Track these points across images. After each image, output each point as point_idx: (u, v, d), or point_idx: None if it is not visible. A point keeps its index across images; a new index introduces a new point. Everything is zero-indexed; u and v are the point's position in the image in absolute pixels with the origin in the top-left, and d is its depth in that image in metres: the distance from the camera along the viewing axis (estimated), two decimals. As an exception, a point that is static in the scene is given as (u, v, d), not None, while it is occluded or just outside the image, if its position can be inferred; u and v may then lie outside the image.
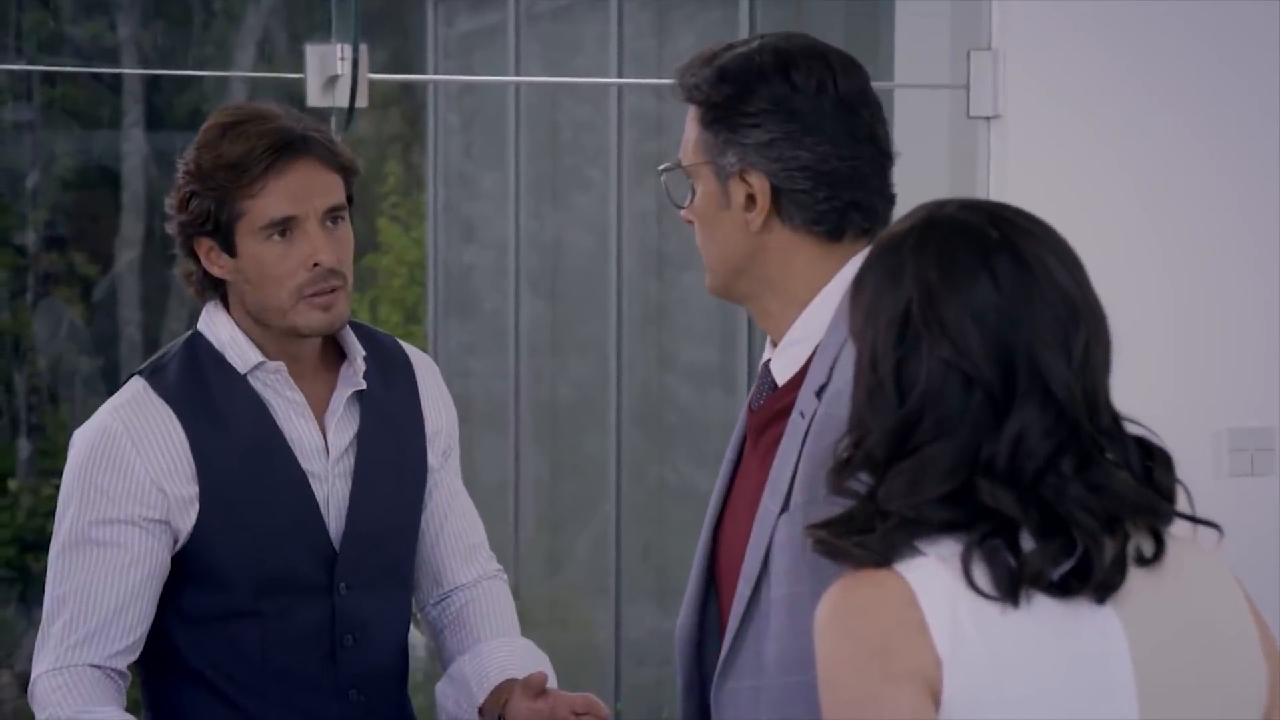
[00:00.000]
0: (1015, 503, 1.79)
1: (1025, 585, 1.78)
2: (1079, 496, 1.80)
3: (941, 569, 1.79)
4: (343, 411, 2.78)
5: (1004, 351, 1.81)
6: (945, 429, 1.80)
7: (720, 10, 7.14)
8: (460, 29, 10.43)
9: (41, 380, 9.92)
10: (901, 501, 1.81)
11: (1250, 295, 4.02)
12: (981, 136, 4.01)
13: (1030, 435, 1.80)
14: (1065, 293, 1.84)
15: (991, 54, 3.97)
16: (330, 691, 2.75)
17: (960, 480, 1.80)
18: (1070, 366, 1.81)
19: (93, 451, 2.72)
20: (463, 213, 10.61)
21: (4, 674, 8.95)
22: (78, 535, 2.71)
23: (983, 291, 1.82)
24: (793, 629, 2.18)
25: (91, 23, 10.13)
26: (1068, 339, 1.82)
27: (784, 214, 2.27)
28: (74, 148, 10.19)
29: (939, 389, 1.81)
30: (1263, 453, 4.01)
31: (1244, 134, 4.01)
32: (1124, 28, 3.96)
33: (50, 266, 9.91)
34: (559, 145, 9.21)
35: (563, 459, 9.07)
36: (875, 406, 1.85)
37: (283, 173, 2.68)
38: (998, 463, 1.80)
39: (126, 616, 2.70)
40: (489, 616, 2.91)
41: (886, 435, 1.83)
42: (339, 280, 2.72)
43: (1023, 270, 1.83)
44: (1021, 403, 1.80)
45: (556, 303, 9.23)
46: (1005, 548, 1.79)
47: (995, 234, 1.85)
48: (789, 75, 2.27)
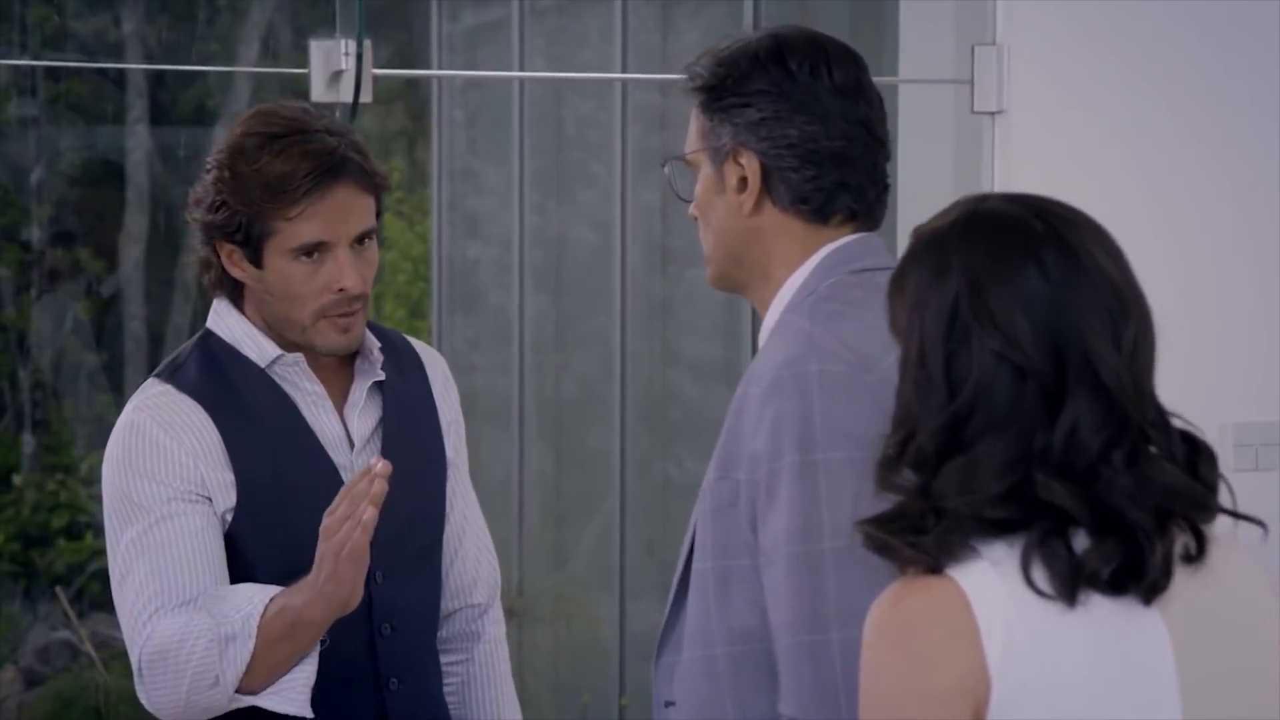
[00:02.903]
0: (1072, 497, 1.76)
1: (1083, 584, 1.76)
2: (1130, 490, 1.77)
3: (993, 572, 1.77)
4: (363, 403, 2.78)
5: (1055, 341, 1.79)
6: (998, 423, 1.78)
7: (725, 5, 7.13)
8: (464, 24, 10.43)
9: (45, 376, 9.92)
10: (958, 499, 1.78)
11: (1255, 290, 4.02)
12: (986, 132, 4.01)
13: (1083, 427, 1.77)
14: (1113, 282, 1.83)
15: (996, 49, 3.97)
16: (370, 681, 2.73)
17: (1018, 476, 1.77)
18: (1120, 356, 1.80)
19: (126, 446, 2.69)
20: (467, 208, 10.61)
21: (8, 670, 8.95)
22: (141, 529, 2.66)
23: (1031, 282, 1.80)
24: (698, 604, 2.21)
25: (96, 18, 10.13)
26: (1117, 328, 1.81)
27: (774, 194, 2.30)
28: (78, 143, 10.19)
29: (990, 382, 1.78)
30: (1268, 448, 4.01)
31: (1247, 128, 4.01)
32: (1128, 24, 3.96)
33: (54, 262, 9.91)
34: (563, 140, 9.21)
35: (567, 454, 9.07)
36: (925, 402, 1.82)
37: (321, 198, 2.66)
38: (1052, 456, 1.77)
39: (217, 574, 2.65)
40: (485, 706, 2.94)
41: (937, 431, 1.80)
42: (360, 304, 2.73)
43: (1070, 260, 1.82)
44: (1074, 393, 1.78)
45: (561, 298, 9.23)
46: (1063, 546, 1.76)
47: (1040, 225, 1.84)
48: (784, 60, 2.30)
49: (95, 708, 8.41)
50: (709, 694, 2.21)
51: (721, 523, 2.21)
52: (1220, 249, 4.01)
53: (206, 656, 2.58)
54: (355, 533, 2.49)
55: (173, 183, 10.10)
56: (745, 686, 2.20)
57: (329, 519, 2.52)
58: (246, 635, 2.57)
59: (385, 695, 2.75)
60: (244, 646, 2.57)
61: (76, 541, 9.49)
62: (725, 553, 2.21)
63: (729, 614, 2.20)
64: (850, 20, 6.22)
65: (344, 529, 2.49)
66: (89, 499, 9.47)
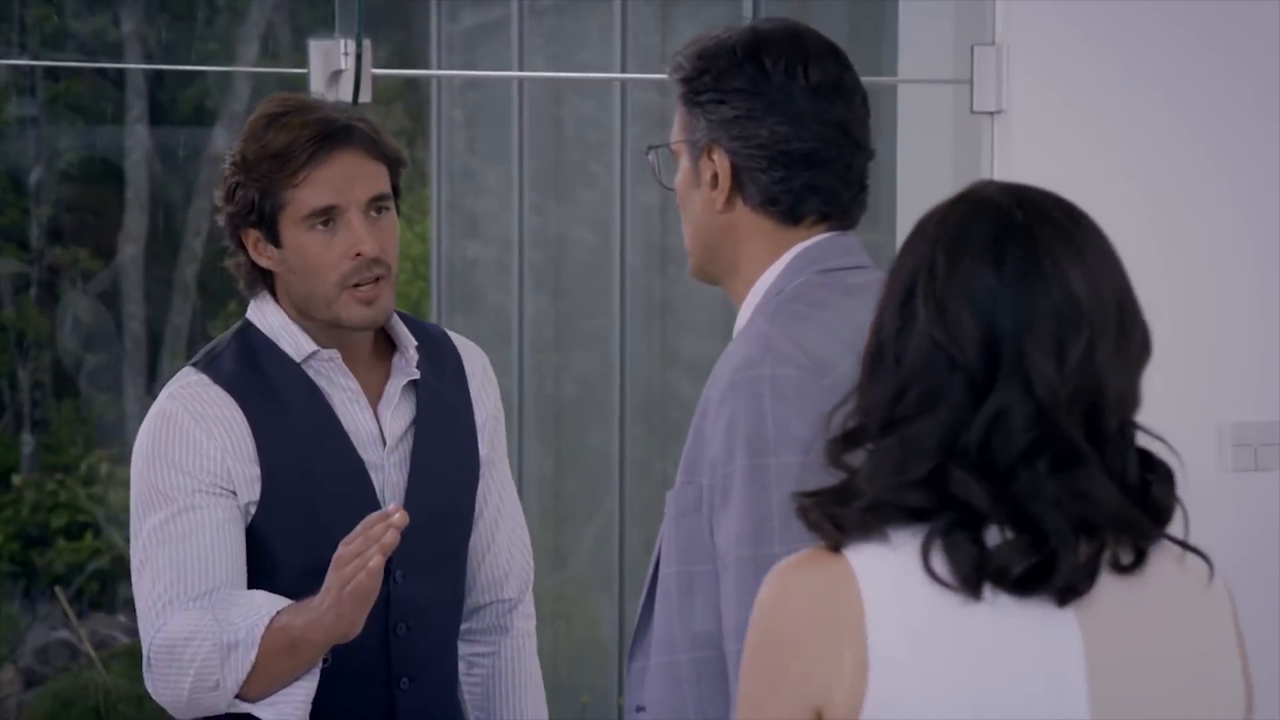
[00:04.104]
0: (986, 495, 1.74)
1: (987, 579, 1.73)
2: (1053, 496, 1.74)
3: (894, 557, 1.74)
4: (398, 400, 2.78)
5: (992, 341, 1.75)
6: (927, 405, 1.76)
7: (724, 5, 7.14)
8: (464, 24, 10.43)
9: (45, 375, 9.92)
10: (880, 482, 1.76)
11: (1254, 290, 4.01)
12: (985, 132, 4.01)
13: (1007, 421, 1.74)
14: (1071, 292, 1.78)
15: (995, 49, 3.97)
16: (381, 680, 2.73)
17: (935, 463, 1.75)
18: (1062, 369, 1.75)
19: (156, 435, 2.70)
20: (466, 208, 10.62)
21: (7, 670, 8.95)
22: (163, 518, 2.67)
23: (985, 280, 1.77)
24: (663, 609, 2.21)
25: (95, 18, 10.14)
26: (1063, 340, 1.76)
27: (745, 194, 2.29)
28: (78, 143, 10.20)
29: (924, 366, 1.76)
30: (1267, 448, 4.00)
31: (1246, 129, 4.01)
32: (1128, 24, 3.96)
33: (54, 262, 9.91)
34: (562, 140, 9.21)
35: (566, 454, 9.07)
36: (874, 374, 1.80)
37: (325, 162, 2.68)
38: (970, 449, 1.75)
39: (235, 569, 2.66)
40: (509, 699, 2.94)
41: (880, 406, 1.78)
42: (382, 269, 2.71)
43: (1030, 262, 1.78)
44: (1001, 390, 1.75)
45: (560, 298, 9.24)
46: (969, 540, 1.73)
47: (1019, 216, 1.80)
48: (760, 58, 2.29)
49: (94, 707, 8.42)
50: (674, 699, 2.20)
51: (685, 527, 2.20)
52: (1219, 249, 4.01)
53: (210, 659, 2.60)
54: (361, 574, 2.50)
55: (172, 182, 10.10)
56: (706, 693, 2.19)
57: (344, 549, 2.53)
58: (249, 645, 2.59)
59: (395, 694, 2.75)
60: (245, 655, 2.59)
61: (76, 541, 9.49)
62: (689, 558, 2.19)
63: (692, 619, 2.19)
64: (849, 20, 6.22)
65: (351, 567, 2.50)
66: (88, 499, 9.48)
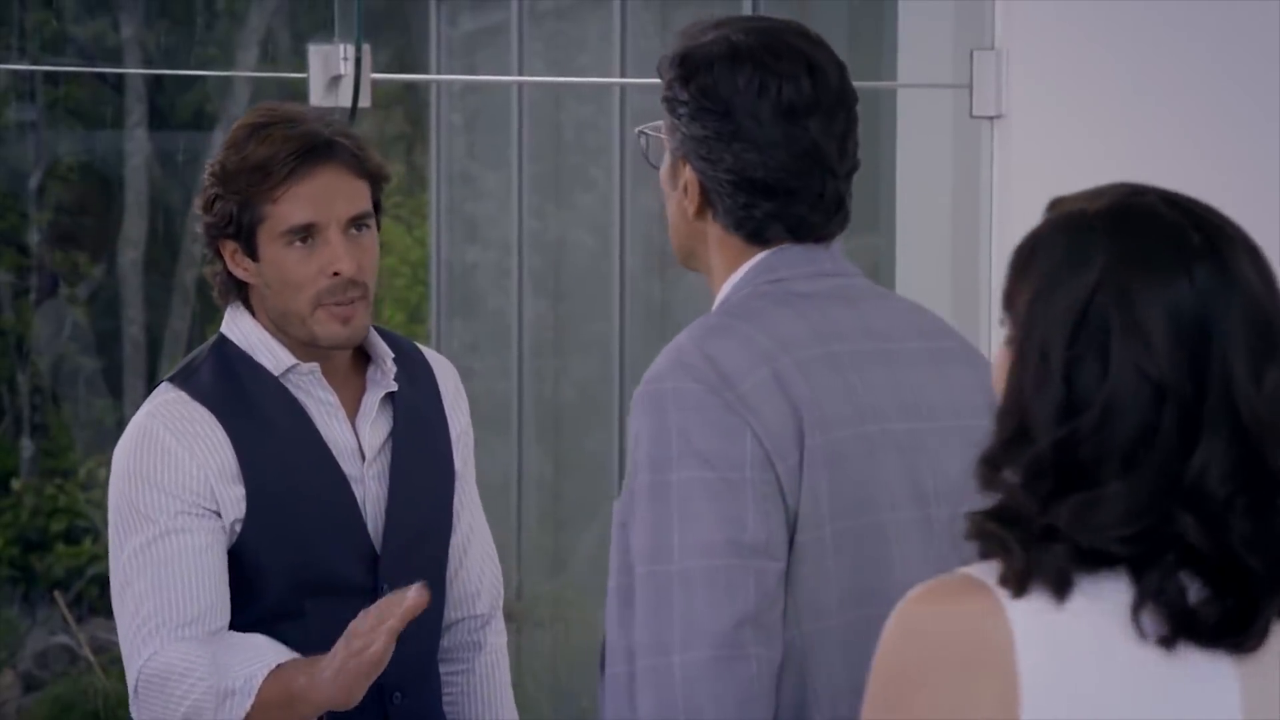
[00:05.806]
0: (1209, 542, 1.59)
1: (1187, 633, 1.60)
2: (1249, 538, 1.61)
3: (1084, 614, 1.61)
4: (375, 413, 2.76)
5: (1196, 361, 1.62)
6: (1125, 451, 1.61)
7: (723, 8, 7.13)
8: (463, 28, 10.44)
9: (44, 380, 9.93)
10: (1078, 528, 1.61)
11: (1253, 294, 4.02)
12: (985, 136, 4.01)
13: (1214, 468, 1.61)
14: (1266, 312, 1.66)
15: (995, 54, 3.97)
16: (374, 694, 2.66)
17: (1155, 518, 1.60)
18: (1260, 393, 1.63)
19: (138, 453, 2.66)
20: (466, 212, 10.62)
21: (6, 674, 8.95)
22: (144, 540, 2.64)
23: (1181, 295, 1.64)
24: (610, 620, 2.18)
25: (95, 22, 10.15)
26: (1259, 362, 1.64)
27: (714, 211, 2.27)
28: (77, 147, 10.20)
29: (1126, 400, 1.61)
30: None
31: (1246, 132, 4.01)
32: (1127, 28, 3.96)
33: (53, 266, 9.92)
34: (562, 144, 9.22)
35: (566, 458, 9.07)
36: (1042, 397, 1.63)
37: (306, 178, 2.64)
38: (1189, 490, 1.60)
39: (217, 595, 2.64)
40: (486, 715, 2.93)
41: (1057, 443, 1.62)
42: (358, 291, 2.68)
43: (1225, 280, 1.67)
44: (1211, 427, 1.61)
45: (559, 302, 9.24)
46: (1178, 589, 1.60)
47: (1197, 238, 1.69)
48: (733, 75, 2.23)
49: (94, 712, 8.42)
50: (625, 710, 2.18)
51: (622, 538, 2.18)
52: (1219, 253, 4.01)
53: (203, 701, 2.58)
54: (368, 651, 2.48)
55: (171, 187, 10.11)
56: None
57: (357, 623, 2.51)
58: (246, 694, 2.56)
59: (389, 709, 2.74)
60: (241, 704, 2.57)
61: (75, 546, 9.50)
62: (624, 568, 2.17)
63: (630, 632, 2.15)
64: (849, 25, 6.22)
65: (360, 642, 2.49)
66: (87, 504, 9.48)
